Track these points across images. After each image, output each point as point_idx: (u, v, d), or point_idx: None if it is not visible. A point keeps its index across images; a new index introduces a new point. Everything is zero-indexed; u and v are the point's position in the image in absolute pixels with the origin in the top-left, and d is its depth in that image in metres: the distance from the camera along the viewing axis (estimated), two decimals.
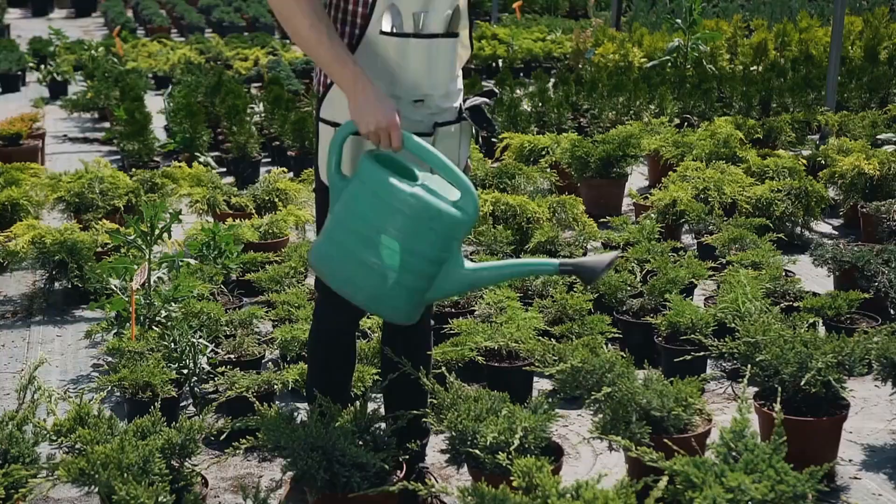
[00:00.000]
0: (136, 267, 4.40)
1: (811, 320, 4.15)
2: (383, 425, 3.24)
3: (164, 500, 2.70)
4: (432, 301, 2.91)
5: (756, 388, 3.66)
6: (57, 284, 5.32)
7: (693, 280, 4.87)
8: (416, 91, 2.92)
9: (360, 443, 3.07)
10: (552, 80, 10.57)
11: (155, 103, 10.11)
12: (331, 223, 2.85)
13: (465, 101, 3.08)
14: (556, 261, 2.78)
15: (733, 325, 3.97)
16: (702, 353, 3.85)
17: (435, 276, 2.79)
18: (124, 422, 3.47)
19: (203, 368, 4.04)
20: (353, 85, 2.76)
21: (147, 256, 4.38)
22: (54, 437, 3.03)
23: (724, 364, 4.43)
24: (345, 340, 3.23)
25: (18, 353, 4.70)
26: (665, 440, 3.05)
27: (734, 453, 2.95)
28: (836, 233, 6.46)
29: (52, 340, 4.85)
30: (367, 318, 4.48)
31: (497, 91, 3.15)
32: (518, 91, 9.72)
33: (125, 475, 2.69)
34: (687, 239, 6.21)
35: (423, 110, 2.95)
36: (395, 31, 2.87)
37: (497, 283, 2.81)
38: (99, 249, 5.34)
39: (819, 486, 2.79)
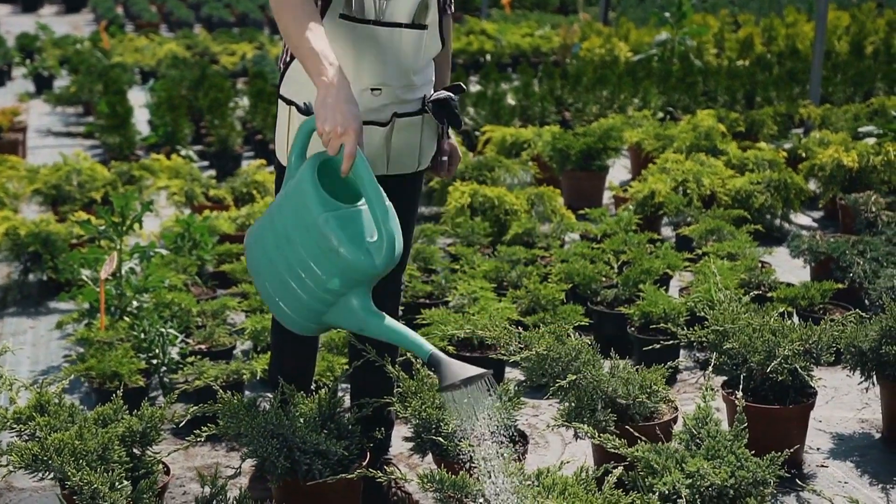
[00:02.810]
0: (106, 258, 4.37)
1: (784, 310, 4.14)
2: (348, 414, 3.22)
3: (120, 486, 2.68)
4: (328, 327, 2.86)
5: (725, 377, 3.65)
6: (31, 276, 5.30)
7: (668, 271, 4.86)
8: (374, 79, 2.90)
9: (325, 431, 3.05)
10: (538, 74, 10.56)
11: (140, 98, 10.09)
12: (269, 208, 2.82)
13: (430, 95, 3.05)
14: (431, 348, 2.63)
15: (702, 313, 3.96)
16: (671, 342, 3.84)
17: (332, 305, 2.69)
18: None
19: (173, 359, 4.02)
20: (328, 81, 2.64)
21: (118, 247, 4.36)
22: (14, 425, 3.01)
23: (697, 354, 4.43)
24: None
25: None
26: (628, 427, 3.04)
27: (697, 440, 2.94)
28: (816, 225, 6.46)
29: (25, 332, 4.83)
30: None
31: (464, 86, 3.11)
32: (503, 85, 9.71)
33: (80, 462, 2.67)
34: (667, 231, 6.21)
35: (382, 99, 2.92)
36: (355, 16, 2.85)
37: (380, 338, 2.72)
38: (74, 241, 5.32)
39: (780, 471, 2.79)
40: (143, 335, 4.04)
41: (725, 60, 11.76)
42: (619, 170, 7.79)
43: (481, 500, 2.67)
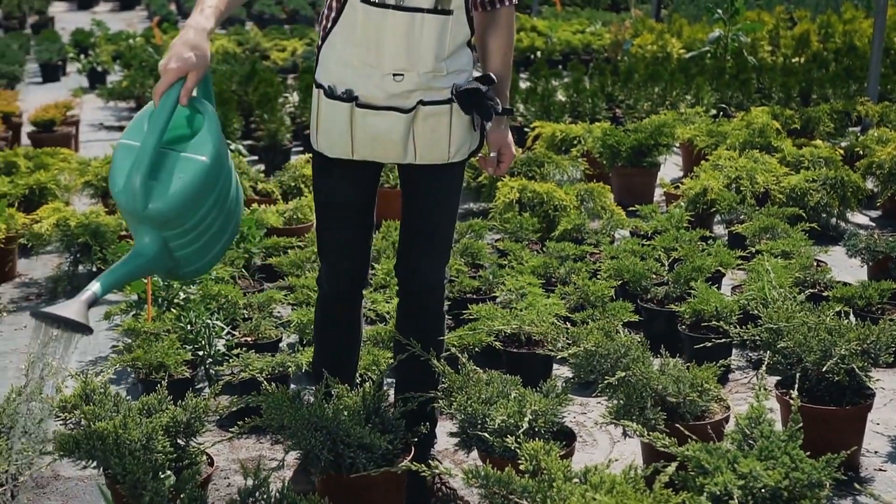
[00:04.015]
0: None
1: (840, 309, 4.04)
2: (393, 409, 3.19)
3: (163, 476, 2.66)
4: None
5: (778, 377, 3.56)
6: (81, 267, 5.33)
7: (720, 269, 4.77)
8: (396, 64, 2.85)
9: (369, 425, 3.02)
10: (589, 71, 10.46)
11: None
12: None
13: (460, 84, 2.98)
14: (94, 288, 2.53)
15: (755, 311, 3.87)
16: (723, 340, 3.76)
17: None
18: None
19: (218, 350, 4.01)
20: (186, 24, 2.65)
21: None
22: (60, 414, 3.01)
23: (750, 354, 4.34)
24: (347, 310, 3.20)
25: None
26: (678, 426, 2.97)
27: (750, 440, 2.86)
28: (873, 224, 6.31)
29: None
30: (386, 302, 4.43)
31: (494, 77, 3.01)
32: (554, 82, 9.62)
33: (123, 451, 2.66)
34: (719, 229, 6.10)
35: (405, 85, 2.87)
36: (375, 0, 2.81)
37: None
38: (123, 233, 5.34)
39: (836, 474, 2.71)
40: (189, 327, 4.04)
41: (780, 58, 11.57)
42: (670, 167, 7.68)
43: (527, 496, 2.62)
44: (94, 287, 2.51)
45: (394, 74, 2.87)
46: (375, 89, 2.88)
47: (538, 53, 13.15)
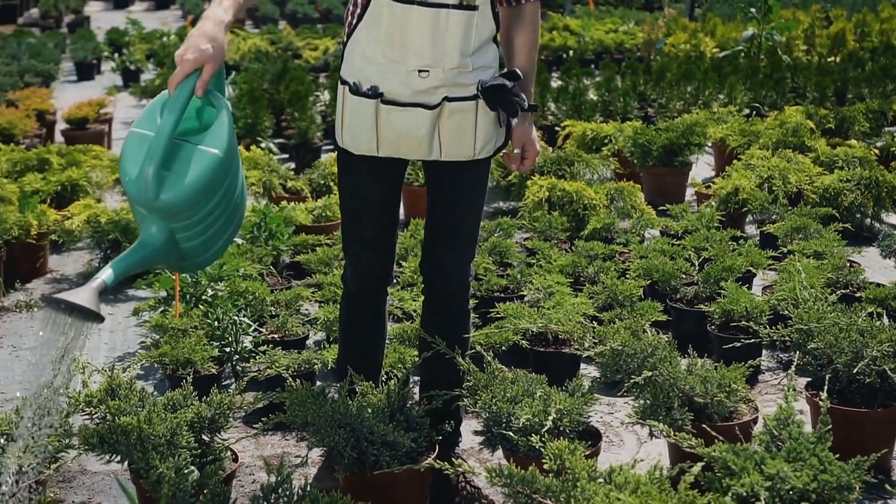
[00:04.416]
0: None
1: (873, 311, 3.97)
2: (418, 406, 3.17)
3: (186, 471, 2.66)
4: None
5: (809, 378, 3.51)
6: None
7: (751, 269, 4.71)
8: (421, 60, 2.84)
9: (394, 422, 3.00)
10: (621, 70, 10.40)
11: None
12: None
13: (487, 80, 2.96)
14: (106, 275, 2.49)
15: (786, 312, 3.82)
16: (752, 341, 3.72)
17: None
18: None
19: (245, 347, 4.02)
20: (204, 16, 2.65)
21: None
22: (85, 408, 3.03)
23: (780, 355, 4.29)
24: (372, 307, 3.18)
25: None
26: (705, 427, 2.93)
27: (778, 442, 2.83)
28: None
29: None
30: (414, 300, 4.42)
31: (520, 73, 3.00)
32: (585, 81, 9.58)
33: (146, 445, 2.66)
34: (751, 229, 6.04)
35: (430, 81, 2.85)
36: None
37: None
38: None
39: (866, 476, 2.66)
40: (216, 323, 4.05)
41: (815, 57, 11.45)
42: (702, 167, 7.62)
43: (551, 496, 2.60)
44: (105, 275, 2.49)
45: (419, 71, 2.85)
46: (400, 86, 2.87)
47: (570, 53, 13.10)
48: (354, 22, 2.91)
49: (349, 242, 3.15)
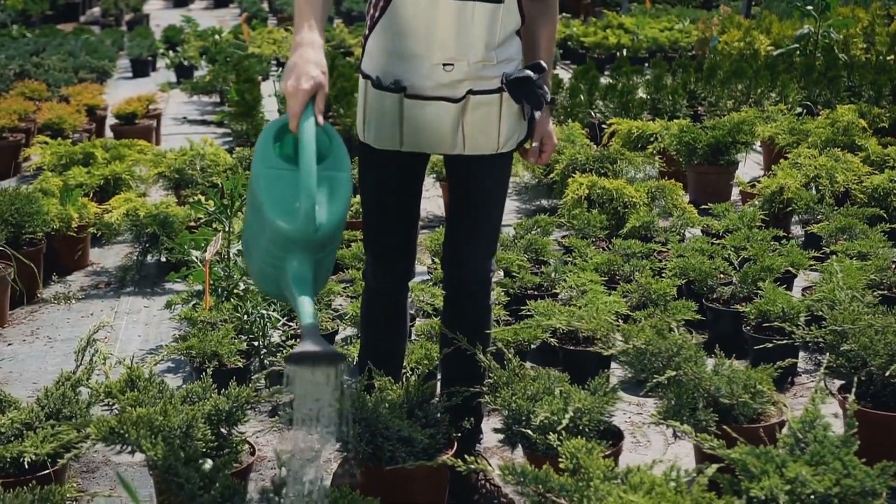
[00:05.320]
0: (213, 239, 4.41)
1: None
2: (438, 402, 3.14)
3: (199, 463, 2.66)
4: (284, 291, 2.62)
5: (843, 381, 3.42)
6: (149, 257, 5.40)
7: (791, 269, 4.61)
8: (446, 54, 2.80)
9: (412, 418, 2.97)
10: (672, 68, 10.27)
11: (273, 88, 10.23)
12: None
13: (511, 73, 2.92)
14: (310, 319, 2.41)
15: (820, 313, 3.73)
16: (785, 342, 3.62)
17: (278, 268, 2.52)
18: None
19: (273, 341, 4.01)
20: (298, 41, 2.60)
21: (227, 228, 4.38)
22: (105, 399, 3.04)
23: (818, 357, 4.18)
24: (392, 303, 3.15)
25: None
26: (725, 427, 2.86)
27: (803, 445, 2.75)
28: None
29: (139, 311, 4.92)
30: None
31: (545, 65, 2.93)
32: (635, 78, 9.46)
33: (157, 437, 2.66)
34: (797, 230, 5.92)
35: (454, 75, 2.82)
36: None
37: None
38: (192, 224, 5.39)
39: (892, 482, 2.58)
40: (245, 317, 4.05)
41: (874, 55, 11.20)
42: (751, 166, 7.49)
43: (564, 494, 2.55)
44: (307, 320, 2.42)
45: (444, 64, 2.82)
46: (424, 79, 2.84)
47: (623, 51, 12.97)
48: (377, 14, 2.89)
49: (370, 238, 3.13)
